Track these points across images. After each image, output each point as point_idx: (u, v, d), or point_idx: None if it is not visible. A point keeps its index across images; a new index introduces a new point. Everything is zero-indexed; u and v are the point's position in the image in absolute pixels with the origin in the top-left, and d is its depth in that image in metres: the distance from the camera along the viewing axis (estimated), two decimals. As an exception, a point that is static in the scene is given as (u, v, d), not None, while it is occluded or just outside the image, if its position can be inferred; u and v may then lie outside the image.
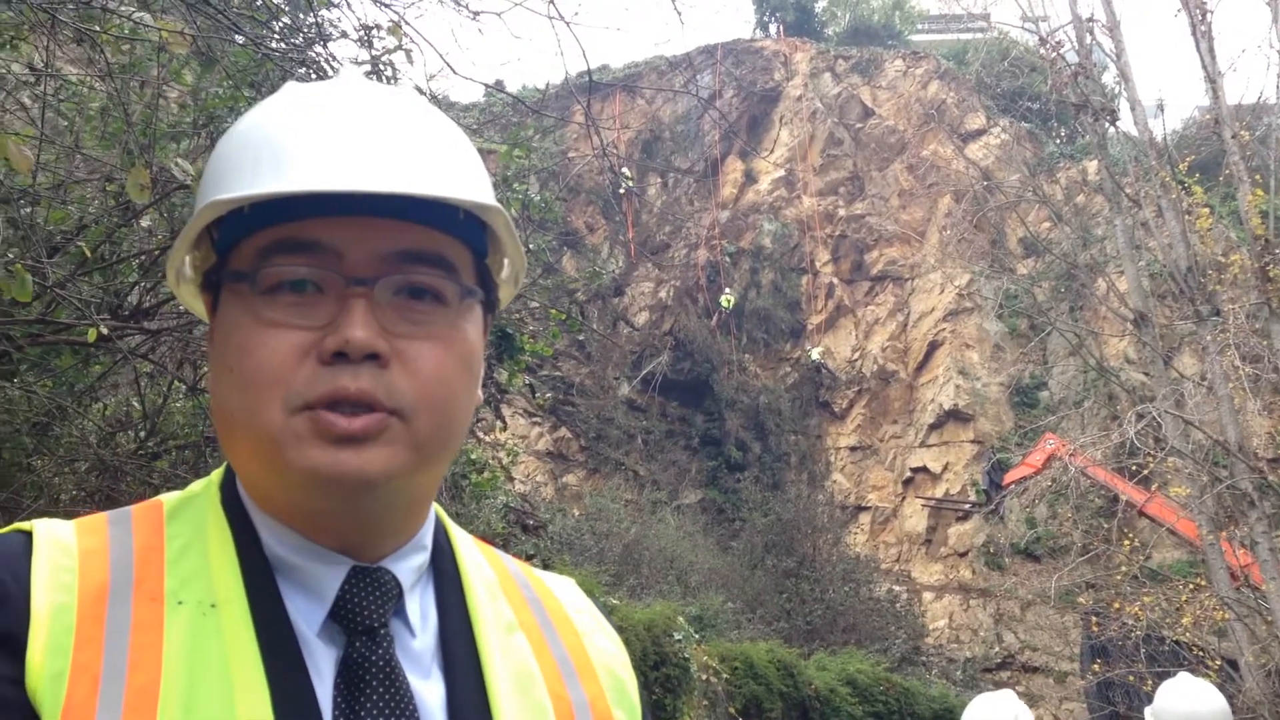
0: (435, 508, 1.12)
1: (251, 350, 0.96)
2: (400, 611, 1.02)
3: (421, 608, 1.05)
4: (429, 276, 0.99)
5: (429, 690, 0.99)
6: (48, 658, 0.87)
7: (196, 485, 1.08)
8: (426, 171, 0.98)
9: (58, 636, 0.88)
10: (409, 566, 1.04)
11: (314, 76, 5.30)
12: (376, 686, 0.95)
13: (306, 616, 0.97)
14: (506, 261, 1.14)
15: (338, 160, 0.95)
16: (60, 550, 0.95)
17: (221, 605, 0.94)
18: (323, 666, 0.95)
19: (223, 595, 0.95)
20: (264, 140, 0.98)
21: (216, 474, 1.07)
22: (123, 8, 4.51)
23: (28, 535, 0.96)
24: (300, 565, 0.99)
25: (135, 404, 5.89)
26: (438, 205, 0.99)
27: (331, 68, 5.53)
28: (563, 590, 1.23)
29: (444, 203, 0.99)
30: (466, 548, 1.16)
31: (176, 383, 5.57)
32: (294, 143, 0.96)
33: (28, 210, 4.43)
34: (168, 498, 1.06)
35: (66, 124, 5.32)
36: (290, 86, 1.05)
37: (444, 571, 1.09)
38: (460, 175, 1.01)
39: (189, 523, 1.01)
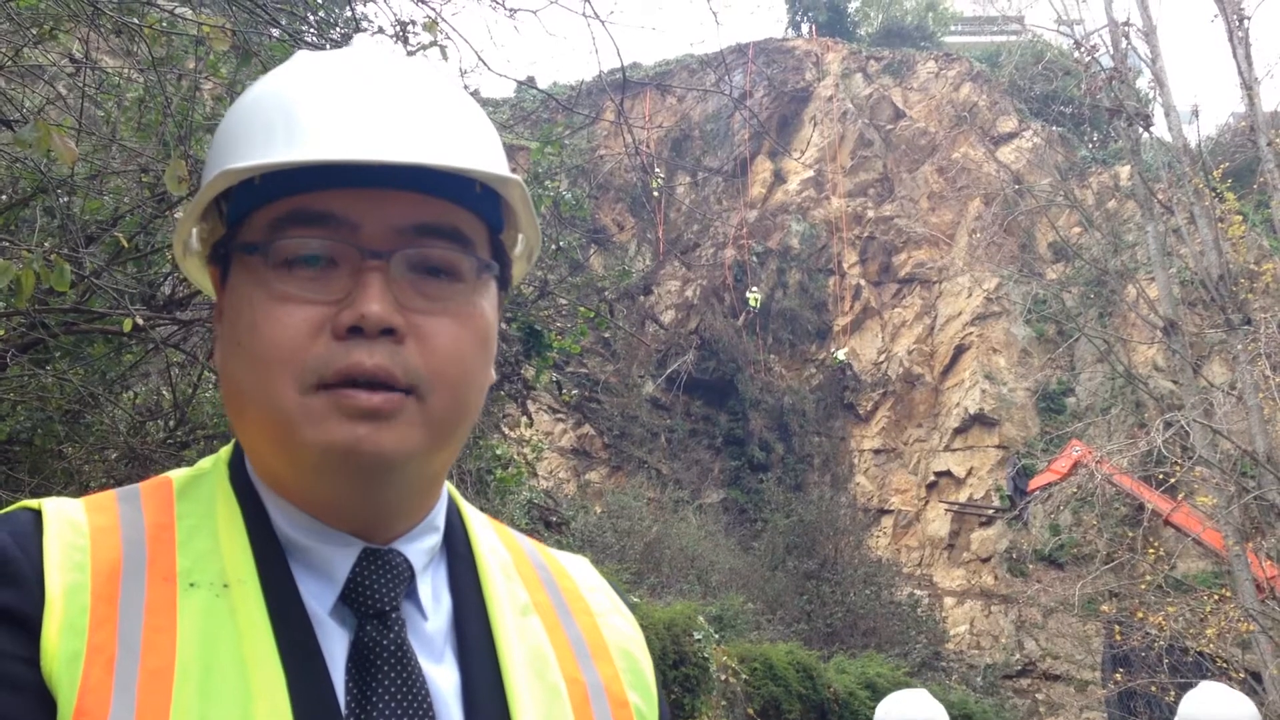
0: (448, 486, 1.10)
1: (263, 326, 0.93)
2: (412, 594, 1.00)
3: (434, 590, 1.03)
4: (445, 251, 0.97)
5: (442, 674, 0.98)
6: (63, 639, 0.85)
7: (206, 462, 1.06)
8: (443, 142, 0.95)
9: (73, 617, 0.87)
10: (421, 548, 1.02)
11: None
12: (388, 671, 0.93)
13: (318, 599, 0.96)
14: (521, 237, 1.11)
15: (352, 130, 0.92)
16: (71, 529, 0.93)
17: (234, 586, 0.92)
18: (334, 650, 0.94)
19: (234, 576, 0.93)
20: (277, 109, 0.96)
21: (225, 451, 1.06)
22: (161, 0, 4.54)
23: (36, 513, 0.94)
24: (310, 547, 0.97)
25: (165, 393, 5.94)
26: (454, 178, 0.97)
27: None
28: (577, 569, 1.20)
29: (461, 175, 0.97)
30: (480, 527, 1.13)
31: (207, 373, 5.61)
32: (307, 111, 0.94)
33: (65, 200, 4.48)
34: (177, 474, 1.04)
35: (103, 115, 5.37)
36: (302, 55, 1.03)
37: (457, 552, 1.07)
38: (476, 147, 0.99)
39: (198, 501, 1.00)
